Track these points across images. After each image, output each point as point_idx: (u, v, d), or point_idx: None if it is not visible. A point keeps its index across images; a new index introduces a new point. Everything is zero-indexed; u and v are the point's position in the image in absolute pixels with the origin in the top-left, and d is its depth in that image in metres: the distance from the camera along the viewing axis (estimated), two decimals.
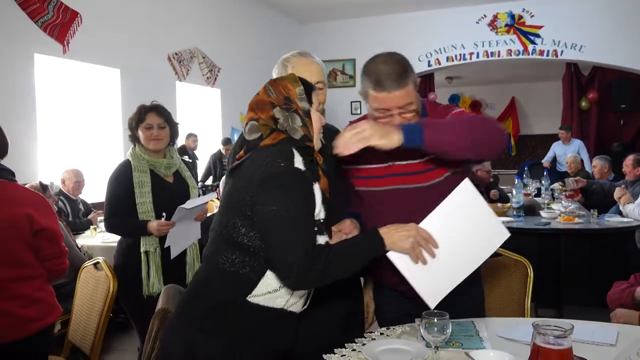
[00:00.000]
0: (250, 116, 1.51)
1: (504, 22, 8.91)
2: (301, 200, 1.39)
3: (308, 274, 1.34)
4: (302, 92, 1.50)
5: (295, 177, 1.39)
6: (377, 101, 1.60)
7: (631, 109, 8.94)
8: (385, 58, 1.62)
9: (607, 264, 4.19)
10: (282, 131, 1.46)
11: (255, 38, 8.33)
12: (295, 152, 1.43)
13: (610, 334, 1.65)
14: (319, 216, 1.47)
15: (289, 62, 1.87)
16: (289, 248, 1.34)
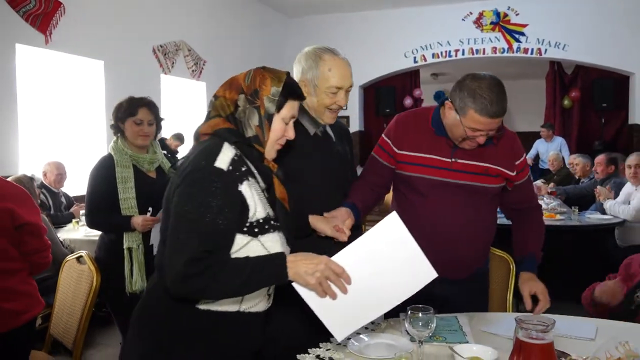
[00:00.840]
0: (217, 92, 1.44)
1: (490, 20, 8.97)
2: (212, 203, 1.28)
3: (185, 284, 1.25)
4: (276, 94, 1.40)
5: (211, 177, 1.30)
6: (476, 123, 1.72)
7: (612, 108, 9.07)
8: (492, 82, 1.72)
9: (588, 260, 4.27)
10: (231, 121, 1.39)
11: (241, 31, 8.28)
12: (226, 149, 1.34)
13: (590, 329, 1.69)
14: (256, 217, 1.35)
15: (324, 61, 1.79)
16: (177, 251, 1.26)
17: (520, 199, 1.96)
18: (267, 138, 1.40)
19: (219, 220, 1.28)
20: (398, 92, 10.16)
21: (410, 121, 1.96)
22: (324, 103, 1.80)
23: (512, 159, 1.90)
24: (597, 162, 5.11)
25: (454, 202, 1.86)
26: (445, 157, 1.86)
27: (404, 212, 1.89)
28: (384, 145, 1.97)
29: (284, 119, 1.42)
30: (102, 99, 5.56)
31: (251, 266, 1.29)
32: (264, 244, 1.36)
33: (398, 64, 9.50)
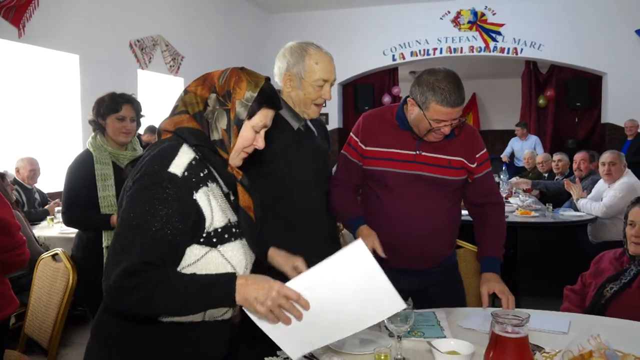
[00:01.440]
0: (189, 86, 1.35)
1: (467, 19, 9.08)
2: (161, 211, 1.18)
3: (117, 298, 1.15)
4: (250, 99, 1.30)
5: (163, 182, 1.20)
6: (439, 114, 1.79)
7: (586, 107, 9.28)
8: (447, 74, 1.79)
9: (561, 256, 4.37)
10: (198, 120, 1.30)
11: (220, 27, 8.22)
12: (183, 152, 1.25)
13: (563, 323, 1.74)
14: (213, 226, 1.27)
15: (310, 54, 1.81)
16: (114, 261, 1.15)
17: (481, 193, 2.01)
18: (233, 144, 1.31)
19: (167, 230, 1.18)
20: (377, 90, 10.23)
21: (376, 118, 2.01)
22: (310, 97, 1.81)
23: (472, 151, 1.96)
24: (581, 159, 5.16)
25: (419, 194, 1.91)
26: (410, 150, 1.92)
27: (370, 206, 2.01)
28: (352, 143, 2.02)
29: (255, 127, 1.33)
30: (77, 94, 5.47)
31: (195, 286, 1.16)
32: (224, 255, 1.28)
33: (377, 61, 9.55)
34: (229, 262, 1.29)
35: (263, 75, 1.36)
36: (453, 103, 1.76)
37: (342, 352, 1.49)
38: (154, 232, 1.18)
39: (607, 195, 4.26)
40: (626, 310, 2.03)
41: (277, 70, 1.86)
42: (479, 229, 2.04)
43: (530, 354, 1.24)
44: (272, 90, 1.35)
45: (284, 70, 1.82)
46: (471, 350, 1.42)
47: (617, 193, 4.16)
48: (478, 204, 2.04)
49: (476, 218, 2.07)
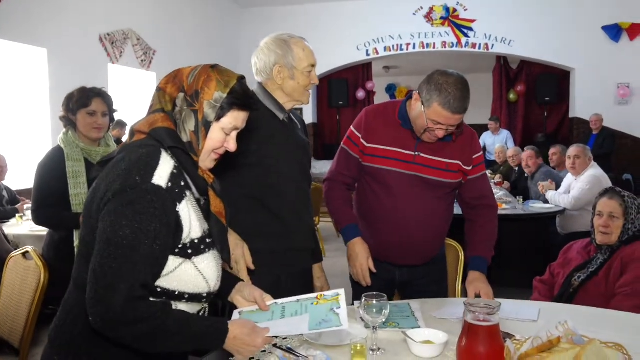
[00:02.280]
0: (161, 83, 1.29)
1: (440, 15, 9.17)
2: (150, 227, 1.14)
3: (121, 327, 1.11)
4: (219, 100, 1.23)
5: (148, 196, 1.14)
6: (438, 116, 1.79)
7: (554, 102, 9.49)
8: (459, 80, 1.80)
9: (532, 247, 4.47)
10: (172, 118, 1.25)
11: (193, 20, 8.12)
12: (164, 161, 1.20)
13: (532, 311, 1.79)
14: (190, 237, 1.23)
15: (295, 44, 1.82)
16: (110, 286, 1.10)
17: (474, 194, 2.03)
18: (202, 147, 1.25)
19: (156, 246, 1.14)
20: (351, 85, 10.25)
21: (379, 114, 2.01)
22: (303, 84, 1.84)
23: (470, 153, 1.98)
24: (528, 157, 5.38)
25: (415, 194, 1.94)
26: (409, 151, 1.93)
27: (367, 202, 2.04)
28: (354, 138, 2.02)
29: (224, 130, 1.27)
30: (45, 89, 5.34)
31: (190, 334, 1.18)
32: (197, 267, 1.24)
33: (351, 56, 9.57)
34: (202, 275, 1.26)
35: (236, 74, 1.29)
36: (454, 109, 1.77)
37: (319, 343, 1.50)
38: (144, 250, 1.13)
39: (575, 188, 4.37)
40: (593, 297, 2.10)
41: (263, 65, 1.84)
42: (470, 229, 2.05)
43: (501, 341, 1.28)
44: (244, 90, 1.28)
45: (272, 63, 1.82)
46: (445, 339, 1.46)
47: (584, 185, 4.27)
48: (471, 205, 2.06)
49: (468, 218, 2.08)
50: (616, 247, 2.21)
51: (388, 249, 2.02)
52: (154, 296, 1.21)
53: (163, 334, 1.15)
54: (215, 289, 1.32)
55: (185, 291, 1.24)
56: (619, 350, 1.27)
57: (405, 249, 2.00)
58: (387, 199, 1.96)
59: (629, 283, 2.06)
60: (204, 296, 1.29)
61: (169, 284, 1.21)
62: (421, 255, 2.05)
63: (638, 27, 8.51)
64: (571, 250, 2.43)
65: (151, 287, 1.18)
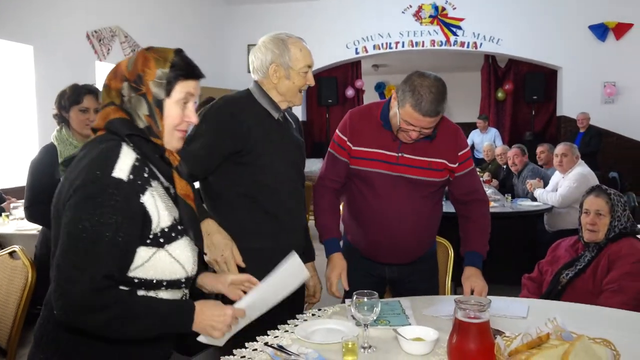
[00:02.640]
0: (105, 79, 1.29)
1: (428, 13, 9.20)
2: (110, 219, 1.15)
3: (85, 316, 1.13)
4: (163, 76, 1.25)
5: (109, 189, 1.16)
6: (409, 117, 1.80)
7: (542, 100, 9.57)
8: (433, 83, 1.78)
9: (520, 244, 4.50)
10: (125, 110, 1.25)
11: (181, 18, 8.07)
12: (125, 153, 1.21)
13: (522, 308, 1.80)
14: (160, 226, 1.24)
15: (292, 44, 1.82)
16: (72, 279, 1.11)
17: (463, 190, 2.03)
18: (162, 128, 1.26)
19: (119, 237, 1.16)
20: (340, 83, 10.25)
21: (363, 116, 2.01)
22: (298, 84, 1.84)
23: (455, 150, 1.97)
24: (514, 155, 5.45)
25: (402, 194, 1.94)
26: (392, 152, 1.94)
27: (355, 204, 2.05)
28: (340, 142, 2.01)
29: (179, 102, 1.28)
30: (32, 86, 5.28)
31: (156, 315, 1.20)
32: (171, 254, 1.26)
33: (340, 54, 9.57)
34: (177, 261, 1.27)
35: (172, 48, 1.30)
36: (425, 112, 1.76)
37: (311, 342, 1.50)
38: (107, 242, 1.15)
39: (562, 186, 4.41)
40: (581, 294, 2.12)
41: (260, 64, 1.83)
42: (463, 225, 2.06)
43: (492, 338, 1.29)
44: (185, 61, 1.29)
45: (268, 62, 1.81)
46: (435, 336, 1.47)
47: (571, 183, 4.31)
48: (462, 201, 2.06)
49: (460, 214, 2.09)
50: (603, 245, 2.24)
51: (377, 248, 2.04)
52: (132, 287, 1.23)
53: (132, 318, 1.17)
54: (192, 273, 1.34)
55: (163, 279, 1.26)
56: (607, 346, 1.29)
57: (393, 248, 2.01)
58: (373, 200, 1.97)
59: (615, 280, 2.09)
60: (183, 282, 1.31)
61: (146, 274, 1.23)
62: (409, 254, 2.06)
63: (624, 27, 8.61)
64: (559, 248, 2.45)
65: (118, 278, 1.19)
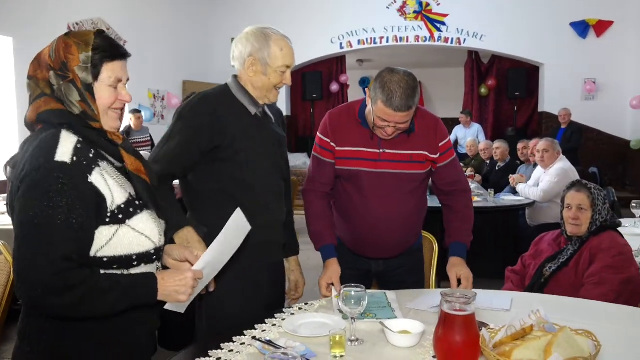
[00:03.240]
0: (29, 71, 1.28)
1: (413, 9, 9.24)
2: (60, 202, 1.15)
3: (50, 299, 1.14)
4: (87, 60, 1.24)
5: (53, 174, 1.16)
6: (382, 114, 1.81)
7: (524, 97, 9.68)
8: (402, 78, 1.78)
9: (502, 238, 4.56)
10: (57, 99, 1.25)
11: (163, 10, 7.99)
12: (65, 138, 1.21)
13: (505, 301, 1.83)
14: (115, 204, 1.25)
15: (275, 40, 1.79)
16: (31, 266, 1.13)
17: (446, 180, 2.05)
18: (97, 110, 1.26)
19: (72, 219, 1.16)
20: (325, 78, 10.25)
21: (342, 116, 2.01)
22: (274, 82, 1.81)
23: (435, 141, 1.98)
24: (523, 147, 5.56)
25: (387, 191, 1.96)
26: (374, 149, 1.95)
27: (342, 202, 2.06)
28: (324, 144, 2.00)
29: (109, 84, 1.27)
30: (12, 79, 5.20)
31: (120, 290, 1.21)
32: (135, 228, 1.28)
33: (325, 49, 9.58)
34: (142, 234, 1.29)
35: (92, 31, 1.29)
36: (396, 107, 1.77)
37: (298, 335, 1.51)
38: (60, 225, 1.15)
39: (544, 181, 4.47)
40: (563, 287, 2.16)
41: (239, 54, 1.82)
42: (447, 215, 2.08)
43: (477, 330, 1.31)
44: (107, 42, 1.28)
45: (246, 54, 1.79)
46: (421, 329, 1.48)
47: (552, 178, 4.38)
48: (445, 191, 2.08)
49: (444, 204, 2.11)
50: (585, 238, 2.28)
51: (364, 244, 2.06)
52: (103, 267, 1.25)
53: (98, 294, 1.18)
54: (161, 243, 1.35)
55: (132, 253, 1.27)
56: (588, 337, 1.32)
57: (380, 244, 2.03)
58: (359, 198, 1.98)
59: (596, 272, 2.13)
60: (153, 253, 1.32)
61: (114, 251, 1.25)
62: (395, 248, 2.08)
63: (604, 24, 8.74)
64: (542, 242, 2.49)
65: (82, 259, 1.20)
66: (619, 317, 1.69)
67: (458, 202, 2.06)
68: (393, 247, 2.07)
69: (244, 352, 1.43)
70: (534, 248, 2.52)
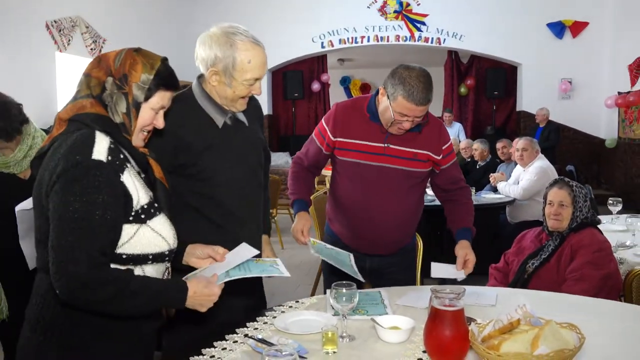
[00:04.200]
0: (86, 69, 1.34)
1: (393, 9, 9.31)
2: (98, 198, 1.21)
3: (86, 291, 1.19)
4: (147, 81, 1.31)
5: (92, 170, 1.22)
6: (403, 108, 1.87)
7: (502, 96, 9.83)
8: (421, 73, 1.88)
9: (484, 236, 4.62)
10: (102, 103, 1.30)
11: (143, 8, 7.91)
12: (100, 138, 1.26)
13: (491, 296, 1.88)
14: (140, 204, 1.30)
15: (242, 50, 1.60)
16: (71, 259, 1.18)
17: (448, 181, 2.14)
18: (134, 127, 1.33)
19: (108, 215, 1.23)
20: (306, 77, 10.26)
21: (349, 109, 2.08)
22: (239, 94, 1.66)
23: (438, 143, 2.06)
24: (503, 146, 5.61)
25: (386, 185, 2.01)
26: (379, 143, 2.00)
27: (339, 194, 2.11)
28: (322, 131, 2.09)
29: (154, 109, 1.35)
30: None
31: (150, 294, 1.27)
32: (154, 228, 1.33)
33: (306, 48, 9.58)
34: (160, 235, 1.34)
35: (159, 56, 1.37)
36: (418, 101, 1.84)
37: (290, 332, 1.53)
38: (98, 220, 1.21)
39: (523, 179, 4.56)
40: (546, 283, 2.21)
41: (201, 59, 1.66)
42: (450, 208, 2.18)
43: (466, 325, 1.34)
44: (168, 71, 1.36)
45: (210, 64, 1.63)
46: (411, 325, 1.52)
47: (532, 176, 4.46)
48: (449, 189, 2.16)
49: (446, 200, 2.20)
50: (566, 234, 2.34)
51: (359, 238, 2.09)
52: (121, 263, 1.29)
53: (129, 295, 1.23)
54: (174, 246, 1.40)
55: (149, 252, 1.32)
56: (573, 330, 1.36)
57: (376, 239, 2.07)
58: (358, 191, 2.02)
59: (578, 268, 2.19)
60: (167, 254, 1.37)
61: (133, 249, 1.30)
62: (391, 245, 2.12)
63: (580, 25, 8.93)
64: (524, 239, 2.55)
65: (110, 255, 1.26)
66: (600, 310, 1.75)
67: (462, 196, 2.16)
68: (389, 244, 2.11)
69: (237, 350, 1.44)
70: (517, 245, 2.57)
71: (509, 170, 5.23)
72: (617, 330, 1.55)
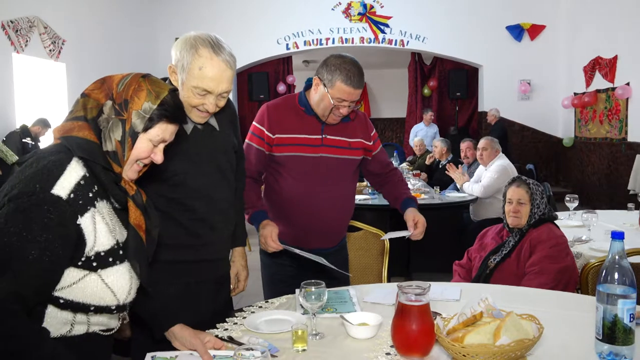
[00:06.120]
0: (87, 89, 1.23)
1: (357, 11, 9.41)
2: (40, 237, 1.08)
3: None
4: (148, 111, 1.20)
5: (44, 206, 1.09)
6: (341, 93, 1.95)
7: (465, 97, 10.06)
8: (353, 60, 1.99)
9: (448, 234, 4.74)
10: (94, 127, 1.19)
11: (104, 9, 7.75)
12: (70, 171, 1.15)
13: (455, 291, 1.93)
14: (95, 250, 1.18)
15: (199, 56, 1.57)
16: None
17: (382, 164, 2.30)
18: (127, 158, 1.21)
19: (45, 257, 1.08)
20: (272, 78, 10.26)
21: (280, 106, 2.12)
22: (189, 101, 1.61)
23: (367, 130, 2.21)
24: (467, 148, 5.55)
25: (325, 176, 2.08)
26: (317, 135, 2.07)
27: (277, 190, 2.11)
28: (258, 133, 2.09)
29: (152, 141, 1.23)
30: None
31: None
32: (104, 279, 1.19)
33: (271, 50, 9.58)
34: (110, 288, 1.21)
35: (168, 86, 1.26)
36: (355, 84, 1.95)
37: (261, 332, 1.54)
38: (30, 261, 1.08)
39: (485, 177, 4.69)
40: (507, 277, 2.29)
41: (174, 59, 1.65)
42: (388, 189, 2.32)
43: (432, 319, 1.39)
44: (175, 103, 1.25)
45: (173, 61, 1.62)
46: (379, 321, 1.55)
47: (492, 175, 4.59)
48: (381, 174, 2.31)
49: (382, 183, 2.33)
50: (525, 230, 2.43)
51: (301, 233, 2.08)
52: (58, 307, 1.18)
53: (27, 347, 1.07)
54: (126, 302, 1.27)
55: (90, 303, 1.20)
56: (532, 320, 1.42)
57: (319, 231, 2.10)
58: (301, 184, 2.06)
59: (536, 263, 2.28)
60: (113, 309, 1.25)
61: (72, 296, 1.18)
62: (333, 236, 2.18)
63: (538, 28, 9.22)
64: (486, 236, 2.63)
65: (34, 298, 1.12)
66: (558, 302, 1.82)
67: (395, 175, 2.33)
68: (334, 234, 2.18)
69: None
70: (479, 242, 2.65)
71: (473, 169, 5.36)
72: (574, 320, 1.62)
